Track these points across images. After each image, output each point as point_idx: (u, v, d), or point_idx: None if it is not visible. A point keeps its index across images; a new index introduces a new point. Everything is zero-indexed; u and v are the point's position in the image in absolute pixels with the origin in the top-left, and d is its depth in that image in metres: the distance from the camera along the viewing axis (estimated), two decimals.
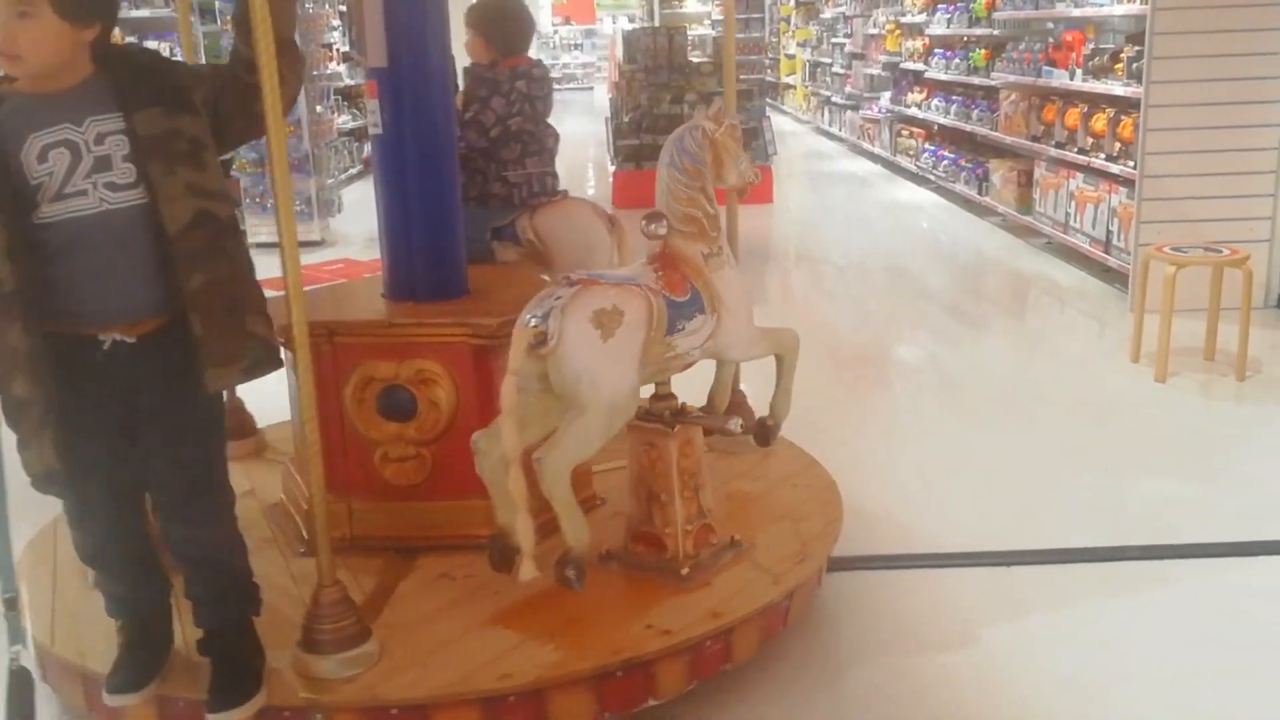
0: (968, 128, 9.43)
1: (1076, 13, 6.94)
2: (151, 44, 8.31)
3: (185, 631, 2.51)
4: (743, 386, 3.61)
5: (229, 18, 8.25)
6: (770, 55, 20.07)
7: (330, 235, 8.83)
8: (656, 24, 18.47)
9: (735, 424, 2.78)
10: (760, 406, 3.21)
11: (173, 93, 2.19)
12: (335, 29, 10.63)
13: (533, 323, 2.44)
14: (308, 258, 7.77)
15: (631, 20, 25.54)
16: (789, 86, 19.76)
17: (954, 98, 9.87)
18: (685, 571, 2.75)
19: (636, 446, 2.80)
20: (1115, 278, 6.47)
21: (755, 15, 18.73)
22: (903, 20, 11.69)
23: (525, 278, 3.42)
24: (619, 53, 12.54)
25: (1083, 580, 3.24)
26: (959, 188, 9.55)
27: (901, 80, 11.75)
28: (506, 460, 2.44)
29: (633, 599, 2.71)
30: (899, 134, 11.77)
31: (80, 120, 2.11)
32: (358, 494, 2.95)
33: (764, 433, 2.99)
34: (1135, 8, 6.08)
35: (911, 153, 11.23)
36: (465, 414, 2.87)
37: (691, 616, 2.61)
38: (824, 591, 3.06)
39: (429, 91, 2.99)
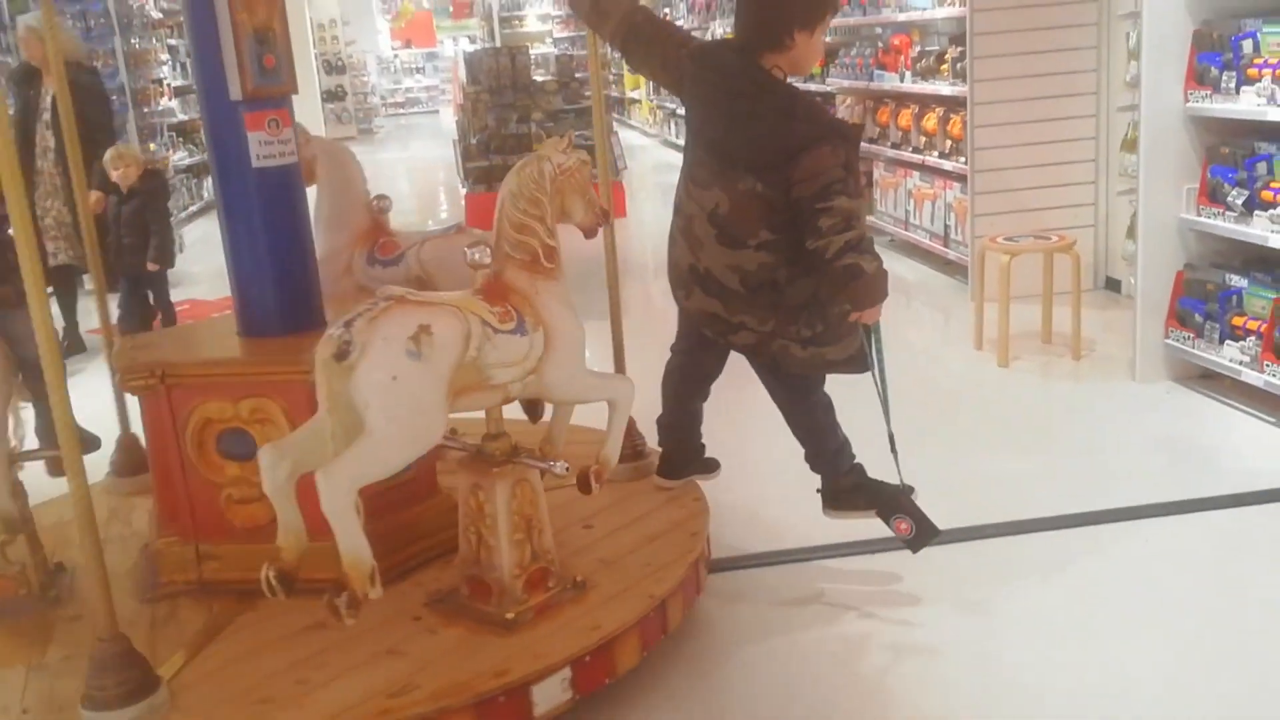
0: None
1: (902, 17, 7.22)
2: None
3: None
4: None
5: None
6: (614, 71, 20.27)
7: (174, 275, 8.53)
8: (498, 44, 18.45)
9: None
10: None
11: None
12: (164, 64, 10.30)
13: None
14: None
15: (472, 41, 25.44)
16: (634, 101, 19.97)
17: None
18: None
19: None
20: (956, 270, 6.74)
21: None
22: None
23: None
24: (462, 74, 12.49)
25: (944, 560, 3.36)
26: None
27: None
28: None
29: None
30: None
31: None
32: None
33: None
34: (956, 10, 6.36)
35: None
36: None
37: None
38: (705, 594, 3.10)
39: None
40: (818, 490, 3.30)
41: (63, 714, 2.41)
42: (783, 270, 2.91)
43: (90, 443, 3.70)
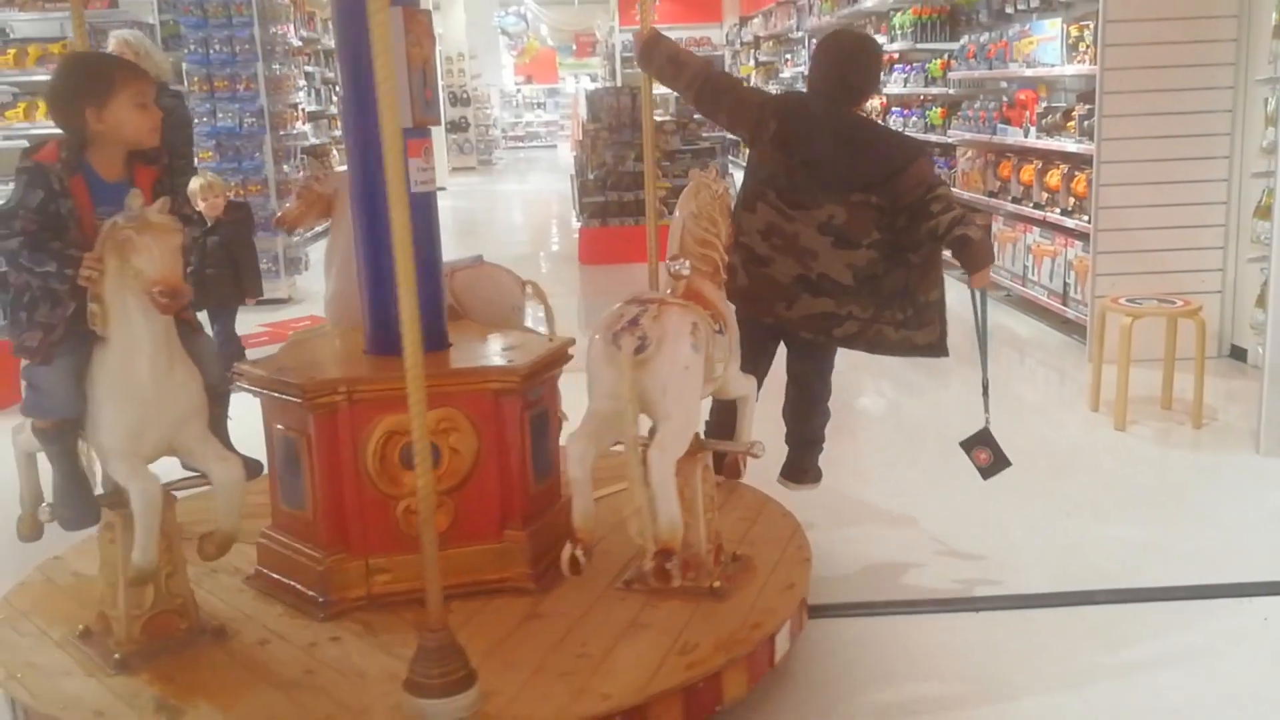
0: None
1: (1029, 73, 7.15)
2: None
3: None
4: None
5: (195, 78, 8.35)
6: None
7: (297, 293, 8.85)
8: (619, 84, 18.74)
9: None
10: None
11: None
12: (301, 89, 10.71)
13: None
14: (277, 315, 7.80)
15: (594, 79, 25.87)
16: None
17: None
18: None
19: None
20: (1073, 329, 6.61)
21: None
22: None
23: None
24: (582, 111, 12.70)
25: (1049, 624, 3.30)
26: None
27: None
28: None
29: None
30: None
31: None
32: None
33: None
34: (1085, 68, 6.28)
35: None
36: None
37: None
38: (802, 638, 3.09)
39: None
40: (784, 479, 3.88)
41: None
42: (882, 264, 3.53)
43: (252, 468, 3.63)
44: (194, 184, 5.77)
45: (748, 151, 3.91)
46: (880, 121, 3.75)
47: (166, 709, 2.52)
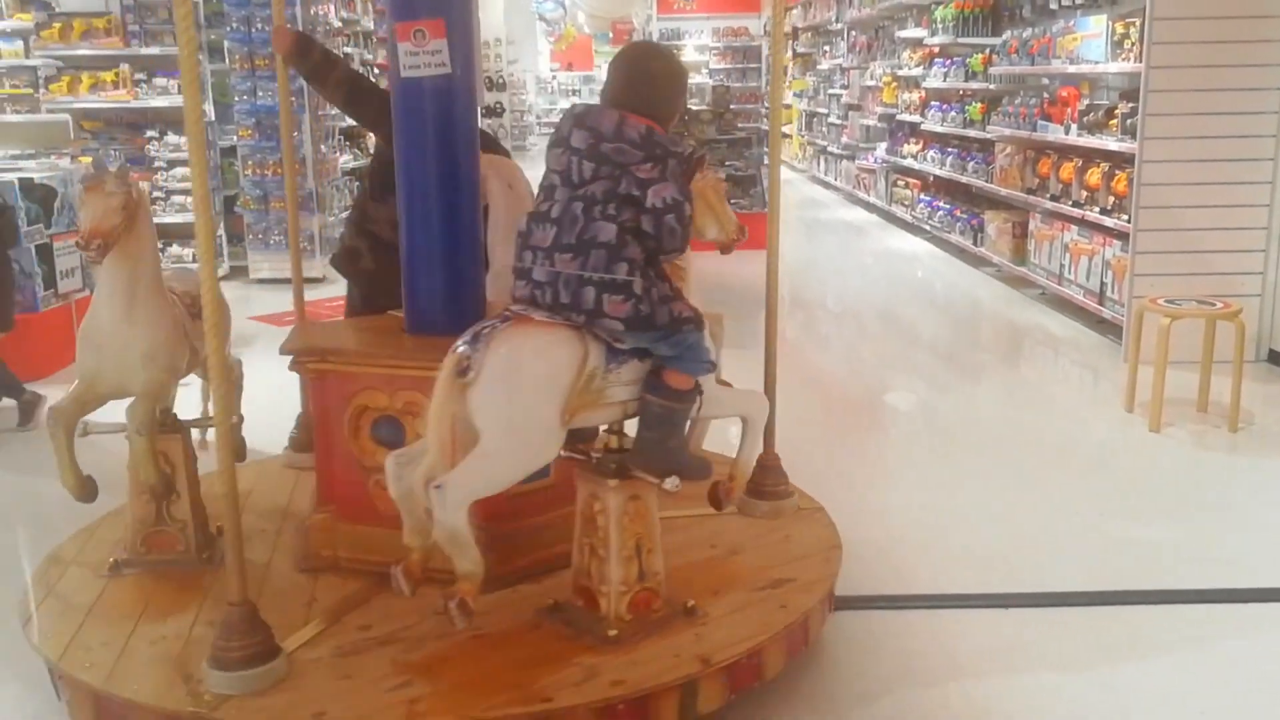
0: (963, 179, 9.57)
1: (1072, 69, 7.08)
2: (160, 81, 8.44)
3: None
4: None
5: (237, 56, 8.41)
6: (766, 104, 20.28)
7: (332, 272, 8.87)
8: None
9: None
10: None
11: None
12: None
13: None
14: (311, 294, 7.83)
15: None
16: (785, 135, 19.99)
17: (950, 149, 10.01)
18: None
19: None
20: (1109, 329, 6.55)
21: (752, 65, 19.06)
22: (900, 73, 11.87)
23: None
24: None
25: (1081, 623, 3.28)
26: (954, 238, 9.66)
27: (898, 131, 11.92)
28: None
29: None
30: (895, 184, 11.91)
31: None
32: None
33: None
34: (1129, 66, 6.21)
35: (907, 203, 11.36)
36: None
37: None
38: (828, 629, 3.09)
39: None
40: None
41: None
42: None
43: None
44: None
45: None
46: None
47: None
